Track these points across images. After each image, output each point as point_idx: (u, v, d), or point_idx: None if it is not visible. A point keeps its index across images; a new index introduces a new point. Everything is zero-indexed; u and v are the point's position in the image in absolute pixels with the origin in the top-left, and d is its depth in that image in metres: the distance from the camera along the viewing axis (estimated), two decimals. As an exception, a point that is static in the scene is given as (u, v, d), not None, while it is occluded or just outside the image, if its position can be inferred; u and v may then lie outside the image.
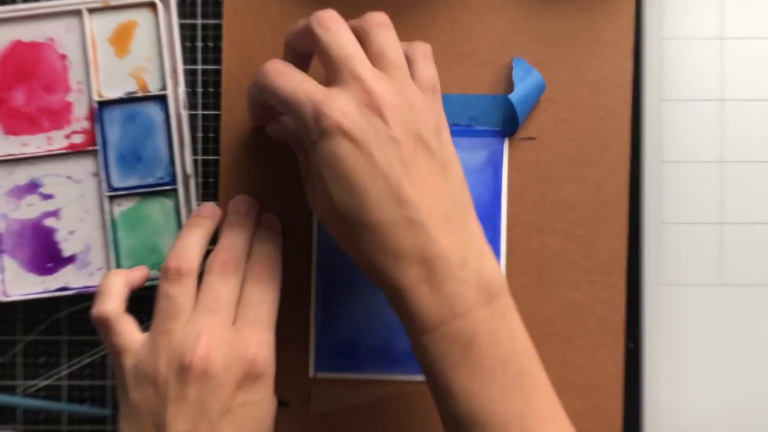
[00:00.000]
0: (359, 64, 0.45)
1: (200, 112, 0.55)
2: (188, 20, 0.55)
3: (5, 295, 0.54)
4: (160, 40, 0.54)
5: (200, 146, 0.55)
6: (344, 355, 0.55)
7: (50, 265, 0.55)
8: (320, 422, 0.55)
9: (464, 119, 0.55)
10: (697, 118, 0.56)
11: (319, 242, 0.55)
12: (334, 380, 0.56)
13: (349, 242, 0.46)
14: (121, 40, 0.54)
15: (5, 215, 0.54)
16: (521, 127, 0.55)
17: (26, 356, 0.56)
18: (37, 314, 0.56)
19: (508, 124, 0.55)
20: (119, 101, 0.54)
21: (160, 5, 0.54)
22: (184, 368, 0.46)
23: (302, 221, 0.55)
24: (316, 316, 0.55)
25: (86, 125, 0.54)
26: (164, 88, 0.54)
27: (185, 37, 0.55)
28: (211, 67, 0.55)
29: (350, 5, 0.54)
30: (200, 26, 0.55)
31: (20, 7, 0.54)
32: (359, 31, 0.47)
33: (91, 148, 0.54)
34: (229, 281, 0.49)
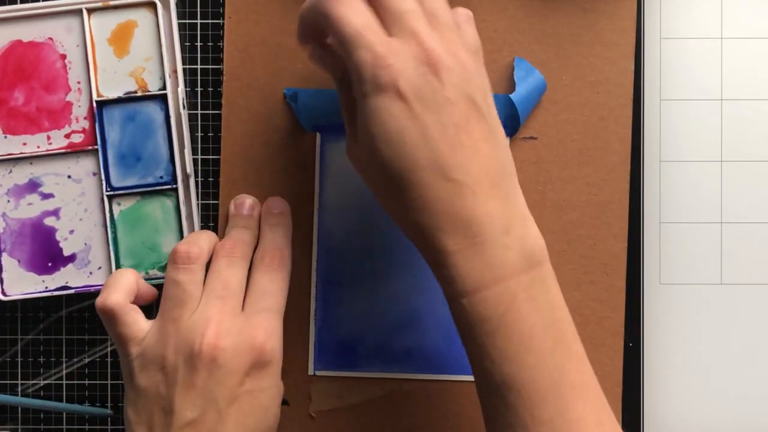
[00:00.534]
0: (419, 20, 0.44)
1: (200, 111, 0.55)
2: (188, 20, 0.55)
3: (5, 294, 0.54)
4: (160, 40, 0.53)
5: (200, 146, 0.55)
6: (344, 353, 0.56)
7: (50, 264, 0.54)
8: (319, 420, 0.55)
9: (465, 119, 0.55)
10: (696, 118, 0.56)
11: (319, 242, 0.55)
12: (333, 378, 0.56)
13: (392, 201, 0.45)
14: (120, 40, 0.54)
15: (5, 215, 0.54)
16: (522, 126, 0.55)
17: (26, 356, 0.56)
18: (36, 314, 0.56)
19: (509, 123, 0.54)
20: (119, 101, 0.54)
21: (159, 5, 0.53)
22: (193, 355, 0.47)
23: (302, 221, 0.55)
24: (315, 314, 0.55)
25: (86, 125, 0.54)
26: (164, 87, 0.54)
27: (185, 37, 0.55)
28: (211, 66, 0.55)
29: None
30: (200, 26, 0.55)
31: (20, 7, 0.54)
32: None
33: (90, 147, 0.54)
34: (236, 268, 0.50)
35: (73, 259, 0.54)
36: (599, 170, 0.55)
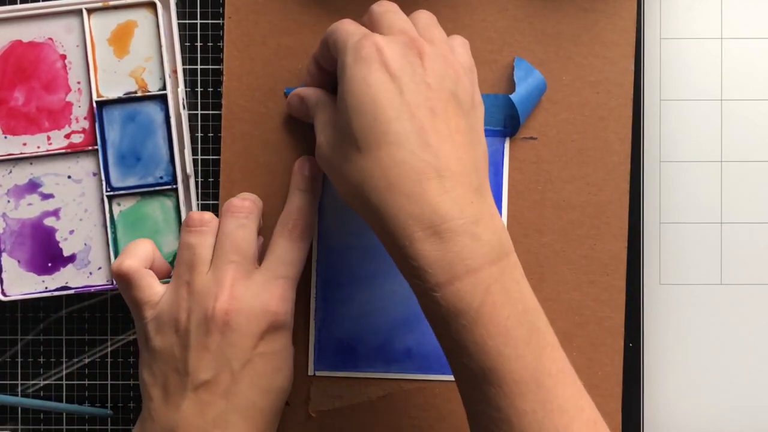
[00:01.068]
0: (407, 23, 0.46)
1: (200, 112, 0.55)
2: (188, 20, 0.55)
3: (5, 294, 0.54)
4: (160, 40, 0.53)
5: (200, 146, 0.55)
6: (344, 353, 0.56)
7: (50, 264, 0.54)
8: (319, 420, 0.55)
9: (465, 119, 0.55)
10: (696, 118, 0.56)
11: (319, 241, 0.55)
12: (333, 378, 0.56)
13: (355, 178, 0.44)
14: (120, 40, 0.54)
15: (5, 215, 0.54)
16: (522, 126, 0.55)
17: (26, 356, 0.56)
18: (36, 314, 0.56)
19: (509, 123, 0.54)
20: (119, 101, 0.54)
21: (159, 5, 0.53)
22: (206, 319, 0.48)
23: (303, 221, 0.55)
24: (315, 314, 0.55)
25: (86, 125, 0.54)
26: (164, 88, 0.54)
27: (185, 37, 0.55)
28: (211, 67, 0.55)
29: (353, 4, 0.54)
30: (200, 26, 0.55)
31: (20, 7, 0.54)
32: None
33: (90, 147, 0.54)
34: (246, 230, 0.50)
35: (73, 259, 0.54)
36: (599, 170, 0.55)
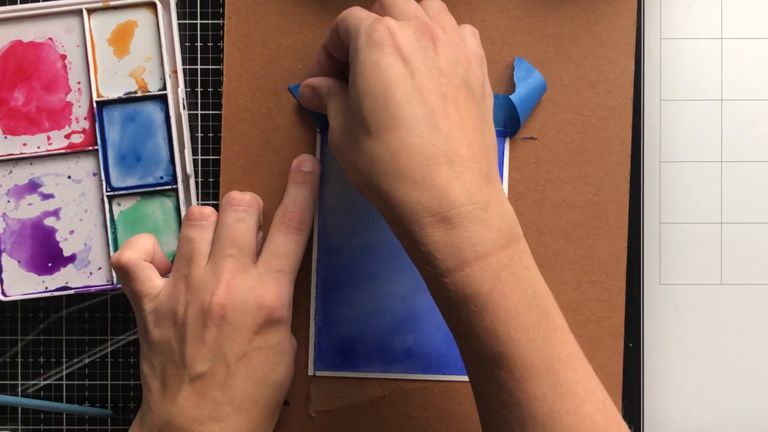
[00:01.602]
0: (418, 9, 0.46)
1: (200, 112, 0.55)
2: (188, 20, 0.55)
3: (5, 294, 0.54)
4: (160, 40, 0.53)
5: (200, 146, 0.55)
6: (343, 353, 0.56)
7: (50, 264, 0.54)
8: (319, 420, 0.55)
9: (465, 119, 0.55)
10: (696, 118, 0.56)
11: (319, 241, 0.55)
12: (333, 378, 0.56)
13: (365, 162, 0.44)
14: (120, 40, 0.54)
15: (5, 215, 0.54)
16: (522, 126, 0.55)
17: (26, 356, 0.56)
18: (36, 314, 0.56)
19: (509, 123, 0.54)
20: (119, 101, 0.54)
21: (159, 5, 0.53)
22: (203, 312, 0.48)
23: (303, 221, 0.55)
24: (315, 314, 0.55)
25: (86, 125, 0.54)
26: (164, 88, 0.54)
27: (185, 37, 0.55)
28: (211, 67, 0.55)
29: (353, 4, 0.53)
30: (200, 26, 0.55)
31: (20, 7, 0.54)
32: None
33: (90, 147, 0.54)
34: (244, 224, 0.50)
35: (73, 259, 0.54)
36: (599, 170, 0.55)
